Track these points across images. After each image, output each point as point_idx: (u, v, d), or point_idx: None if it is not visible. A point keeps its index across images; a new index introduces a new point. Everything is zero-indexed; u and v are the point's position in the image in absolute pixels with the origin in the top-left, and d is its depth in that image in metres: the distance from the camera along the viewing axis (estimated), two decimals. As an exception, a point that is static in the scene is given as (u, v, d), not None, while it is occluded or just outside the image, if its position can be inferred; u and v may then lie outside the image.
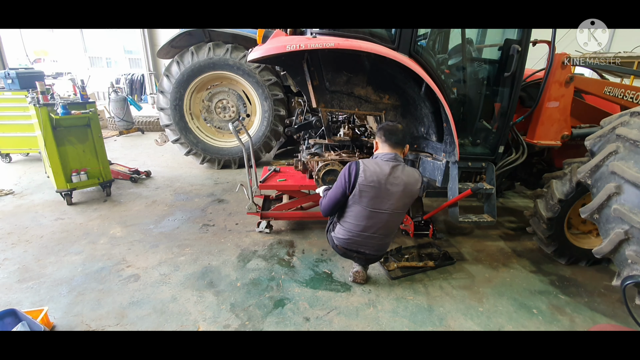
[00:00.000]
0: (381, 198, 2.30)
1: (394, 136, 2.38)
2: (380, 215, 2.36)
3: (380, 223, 2.39)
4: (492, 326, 2.33)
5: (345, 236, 2.46)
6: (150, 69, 11.53)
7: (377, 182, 2.26)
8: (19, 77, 5.18)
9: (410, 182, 2.35)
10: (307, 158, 3.29)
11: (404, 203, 2.38)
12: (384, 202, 2.31)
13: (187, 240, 3.32)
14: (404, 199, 2.36)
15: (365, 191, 2.26)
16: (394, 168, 2.30)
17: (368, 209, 2.32)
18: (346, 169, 2.31)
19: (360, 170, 2.25)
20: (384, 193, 2.29)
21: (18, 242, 3.22)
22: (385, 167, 2.29)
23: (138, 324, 2.26)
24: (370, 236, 2.43)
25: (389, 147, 2.38)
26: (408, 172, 2.36)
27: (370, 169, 2.27)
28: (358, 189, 2.26)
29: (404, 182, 2.31)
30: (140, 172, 5.08)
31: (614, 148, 2.20)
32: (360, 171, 2.25)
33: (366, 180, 2.24)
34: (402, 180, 2.31)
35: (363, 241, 2.46)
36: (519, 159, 3.19)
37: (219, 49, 4.99)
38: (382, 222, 2.39)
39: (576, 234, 3.12)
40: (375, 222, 2.38)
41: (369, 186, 2.25)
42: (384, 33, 2.73)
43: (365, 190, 2.26)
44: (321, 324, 2.30)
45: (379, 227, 2.41)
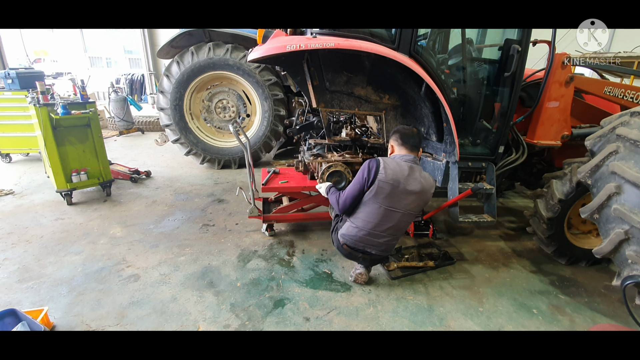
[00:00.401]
0: (397, 197, 2.31)
1: (411, 139, 2.42)
2: (394, 214, 2.36)
3: (392, 222, 2.39)
4: (492, 326, 2.33)
5: (356, 234, 2.44)
6: (150, 69, 11.52)
7: (397, 180, 2.28)
8: (19, 77, 5.18)
9: (427, 185, 2.38)
10: (310, 159, 3.28)
11: (417, 205, 2.39)
12: (400, 201, 2.32)
13: (187, 240, 3.32)
14: (418, 201, 2.38)
15: (383, 188, 2.27)
16: (413, 169, 2.34)
17: (383, 206, 2.32)
18: (366, 165, 2.33)
19: (381, 167, 2.27)
20: (401, 192, 2.30)
21: (18, 242, 3.22)
22: (405, 167, 2.32)
23: (138, 324, 2.26)
24: (380, 235, 2.42)
25: (406, 150, 2.41)
26: (425, 175, 2.40)
27: (391, 166, 2.30)
28: (377, 185, 2.27)
29: (421, 184, 2.35)
30: (140, 172, 5.08)
31: (614, 148, 2.20)
32: (380, 168, 2.27)
33: (386, 178, 2.26)
34: (419, 182, 2.34)
35: (372, 240, 2.44)
36: (519, 159, 3.19)
37: (219, 49, 4.99)
38: (394, 221, 2.39)
39: (576, 234, 3.12)
40: (387, 220, 2.38)
41: (388, 184, 2.26)
42: (384, 33, 2.73)
43: (384, 188, 2.27)
44: (321, 324, 2.30)
45: (390, 226, 2.40)
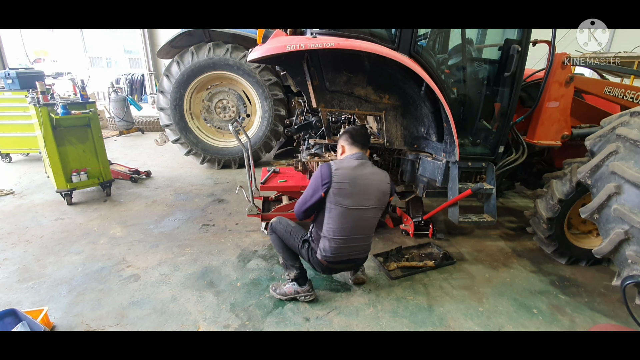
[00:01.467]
0: (359, 195, 2.30)
1: (361, 138, 2.43)
2: (362, 212, 2.34)
3: (363, 221, 2.37)
4: (492, 326, 2.33)
5: (333, 245, 2.33)
6: (150, 69, 11.52)
7: (352, 177, 2.28)
8: (19, 77, 5.17)
9: (380, 178, 2.39)
10: (308, 159, 3.29)
11: (378, 199, 2.38)
12: (362, 198, 2.32)
13: (187, 240, 3.32)
14: (379, 194, 2.38)
15: (342, 189, 2.26)
16: (364, 165, 2.35)
17: (348, 208, 2.29)
18: (319, 171, 2.32)
19: (333, 169, 2.27)
20: (359, 189, 2.30)
21: (18, 242, 3.22)
22: (356, 163, 2.33)
23: (138, 324, 2.26)
24: (357, 238, 2.38)
25: (357, 149, 2.42)
26: (375, 170, 2.41)
27: (343, 165, 2.31)
28: (335, 188, 2.25)
29: (374, 178, 2.36)
30: (140, 172, 5.08)
31: (614, 148, 2.20)
32: (333, 170, 2.27)
33: (339, 178, 2.25)
34: (372, 176, 2.36)
35: (351, 246, 2.38)
36: (519, 159, 3.19)
37: (219, 49, 4.99)
38: (364, 219, 2.37)
39: (576, 234, 3.12)
40: (358, 220, 2.35)
41: (345, 183, 2.26)
42: (384, 33, 2.73)
43: (342, 189, 2.26)
44: (321, 324, 2.30)
45: (363, 225, 2.38)
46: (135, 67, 14.05)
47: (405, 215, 3.65)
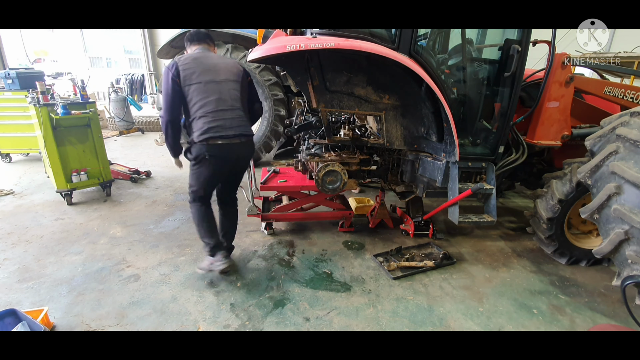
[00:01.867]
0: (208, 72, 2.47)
1: (196, 35, 2.63)
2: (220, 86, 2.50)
3: (225, 93, 2.51)
4: (492, 326, 2.33)
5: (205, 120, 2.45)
6: (150, 69, 11.52)
7: (193, 59, 2.47)
8: (19, 77, 5.17)
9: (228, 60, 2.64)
10: (307, 159, 3.28)
11: (232, 72, 2.58)
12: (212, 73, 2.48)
13: (187, 240, 3.32)
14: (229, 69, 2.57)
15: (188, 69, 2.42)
16: (205, 53, 2.58)
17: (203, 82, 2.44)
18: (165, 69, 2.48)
19: (176, 58, 2.48)
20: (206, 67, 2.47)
21: (18, 242, 3.22)
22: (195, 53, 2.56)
23: (138, 324, 2.26)
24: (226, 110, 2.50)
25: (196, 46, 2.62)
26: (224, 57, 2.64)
27: (184, 56, 2.50)
28: (182, 71, 2.41)
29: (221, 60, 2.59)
30: (140, 172, 5.08)
31: (614, 148, 2.20)
32: (175, 60, 2.46)
33: (183, 62, 2.43)
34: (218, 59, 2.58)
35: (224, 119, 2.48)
36: (519, 159, 3.19)
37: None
38: (225, 91, 2.51)
39: (576, 234, 3.12)
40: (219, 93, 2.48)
41: (188, 64, 2.43)
42: (384, 33, 2.73)
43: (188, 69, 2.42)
44: (321, 324, 2.30)
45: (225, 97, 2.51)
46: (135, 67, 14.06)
47: (405, 216, 3.65)
